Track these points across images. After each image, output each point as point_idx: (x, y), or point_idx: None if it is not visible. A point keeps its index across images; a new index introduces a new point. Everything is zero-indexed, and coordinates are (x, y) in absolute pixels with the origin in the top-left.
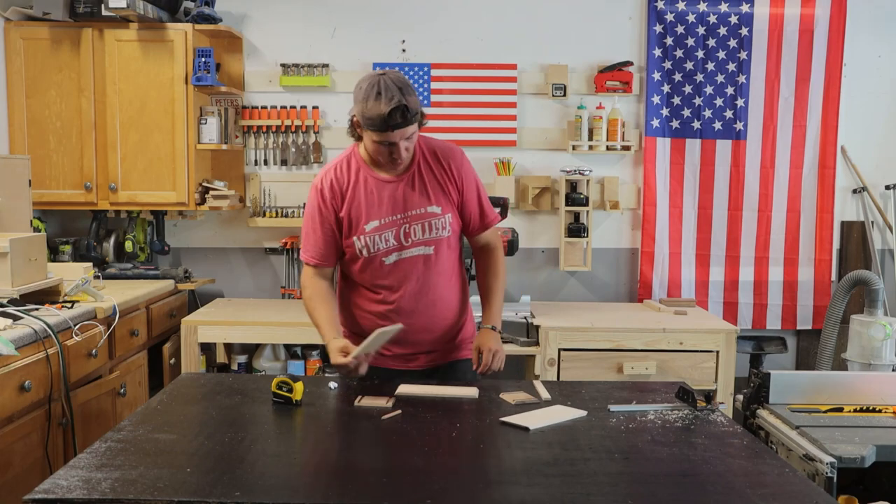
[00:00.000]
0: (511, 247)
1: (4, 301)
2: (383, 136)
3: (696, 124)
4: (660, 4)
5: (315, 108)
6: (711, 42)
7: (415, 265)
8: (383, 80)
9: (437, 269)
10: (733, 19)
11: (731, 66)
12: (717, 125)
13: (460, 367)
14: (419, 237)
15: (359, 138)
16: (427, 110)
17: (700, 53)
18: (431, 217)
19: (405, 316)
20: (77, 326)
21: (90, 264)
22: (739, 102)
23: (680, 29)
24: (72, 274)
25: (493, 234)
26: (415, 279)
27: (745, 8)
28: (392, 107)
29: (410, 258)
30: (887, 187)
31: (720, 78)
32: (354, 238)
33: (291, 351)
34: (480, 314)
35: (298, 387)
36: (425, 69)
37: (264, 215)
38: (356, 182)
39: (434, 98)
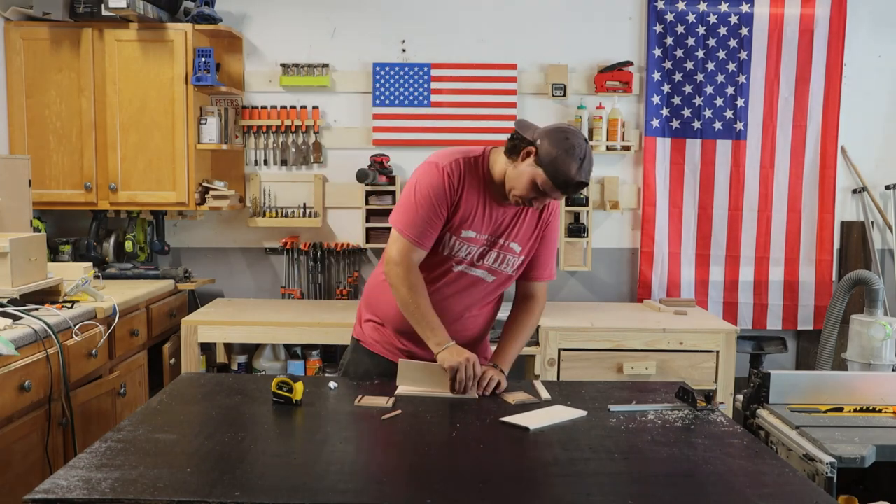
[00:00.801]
0: None
1: (4, 301)
2: (550, 191)
3: (697, 124)
4: (660, 4)
5: (315, 108)
6: (711, 42)
7: (469, 283)
8: (588, 150)
9: (483, 296)
10: (733, 19)
11: (732, 66)
12: (718, 125)
13: None
14: (489, 263)
15: (515, 156)
16: (427, 110)
17: (700, 53)
18: (509, 253)
19: None
20: (77, 326)
21: (90, 264)
22: (739, 102)
23: (680, 29)
24: (72, 274)
25: (543, 288)
26: (459, 293)
27: (745, 8)
28: (580, 180)
29: (472, 276)
30: (887, 187)
31: (720, 78)
32: (448, 234)
33: (291, 351)
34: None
35: (298, 387)
36: (425, 69)
37: (264, 215)
38: (474, 186)
39: (434, 98)
